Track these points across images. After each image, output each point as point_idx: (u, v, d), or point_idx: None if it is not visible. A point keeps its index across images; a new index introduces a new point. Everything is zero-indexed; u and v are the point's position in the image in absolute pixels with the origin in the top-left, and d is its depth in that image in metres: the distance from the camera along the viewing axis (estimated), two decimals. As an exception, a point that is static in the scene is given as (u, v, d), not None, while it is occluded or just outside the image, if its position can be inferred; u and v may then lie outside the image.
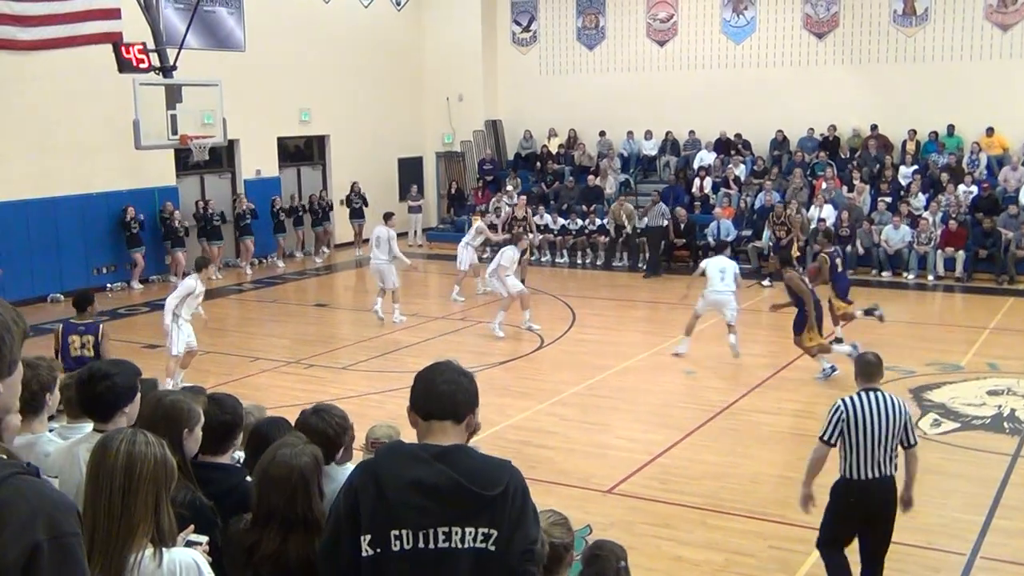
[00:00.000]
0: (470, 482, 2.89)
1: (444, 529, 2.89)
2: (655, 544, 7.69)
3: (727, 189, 22.74)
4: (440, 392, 3.02)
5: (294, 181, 24.48)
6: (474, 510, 2.90)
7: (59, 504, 1.99)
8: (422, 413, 3.03)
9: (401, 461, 2.98)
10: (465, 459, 2.97)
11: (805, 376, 12.69)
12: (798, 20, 23.92)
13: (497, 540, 2.91)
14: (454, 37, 26.90)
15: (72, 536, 1.96)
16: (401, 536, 2.88)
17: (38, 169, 18.19)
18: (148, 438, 2.96)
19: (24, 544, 1.88)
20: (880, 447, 6.28)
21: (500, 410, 11.16)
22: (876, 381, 6.56)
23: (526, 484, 3.06)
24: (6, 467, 1.97)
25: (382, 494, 2.90)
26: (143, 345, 14.82)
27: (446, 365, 3.10)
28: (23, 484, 1.96)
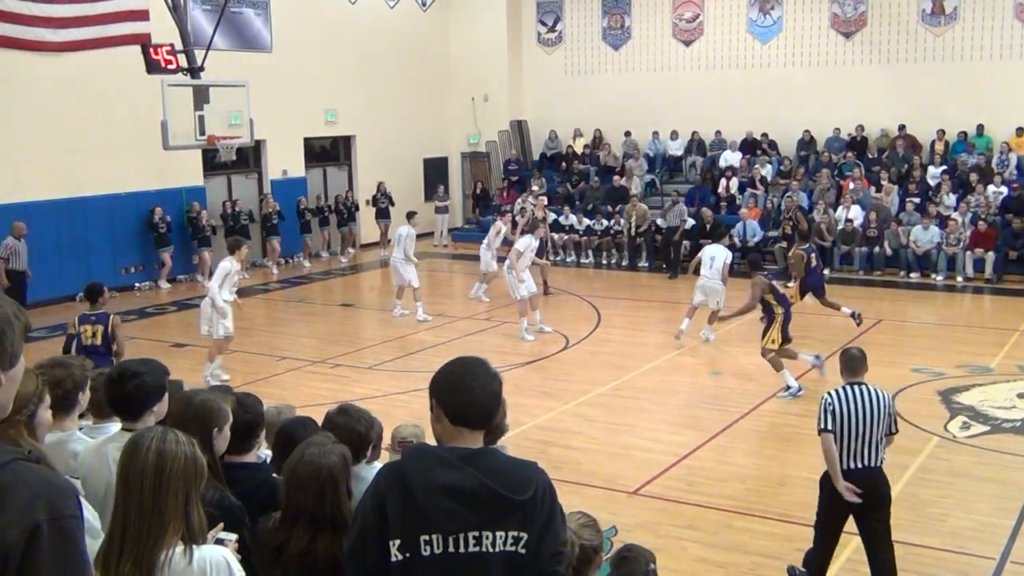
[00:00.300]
0: (501, 486, 2.87)
1: (475, 533, 2.87)
2: (680, 546, 7.66)
3: (753, 190, 22.63)
4: (476, 400, 2.96)
5: (320, 181, 24.57)
6: (504, 514, 2.88)
7: (59, 487, 2.02)
8: (454, 419, 2.97)
9: (429, 464, 2.94)
10: (493, 462, 2.95)
11: (832, 377, 12.58)
12: (825, 19, 23.76)
13: (527, 543, 2.89)
14: (479, 37, 26.92)
15: (71, 518, 1.99)
16: (431, 541, 2.86)
17: (67, 169, 18.36)
18: (179, 437, 2.97)
19: (24, 525, 1.91)
20: (865, 439, 6.46)
21: (526, 410, 11.15)
22: (861, 375, 6.71)
23: (553, 486, 3.04)
24: (6, 453, 2.01)
25: (411, 498, 2.87)
26: (171, 344, 14.94)
27: (479, 368, 3.01)
28: (23, 469, 1.99)
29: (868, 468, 6.51)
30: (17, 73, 17.16)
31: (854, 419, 6.45)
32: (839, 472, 6.52)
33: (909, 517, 8.14)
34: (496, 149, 27.35)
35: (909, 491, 8.72)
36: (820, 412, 6.58)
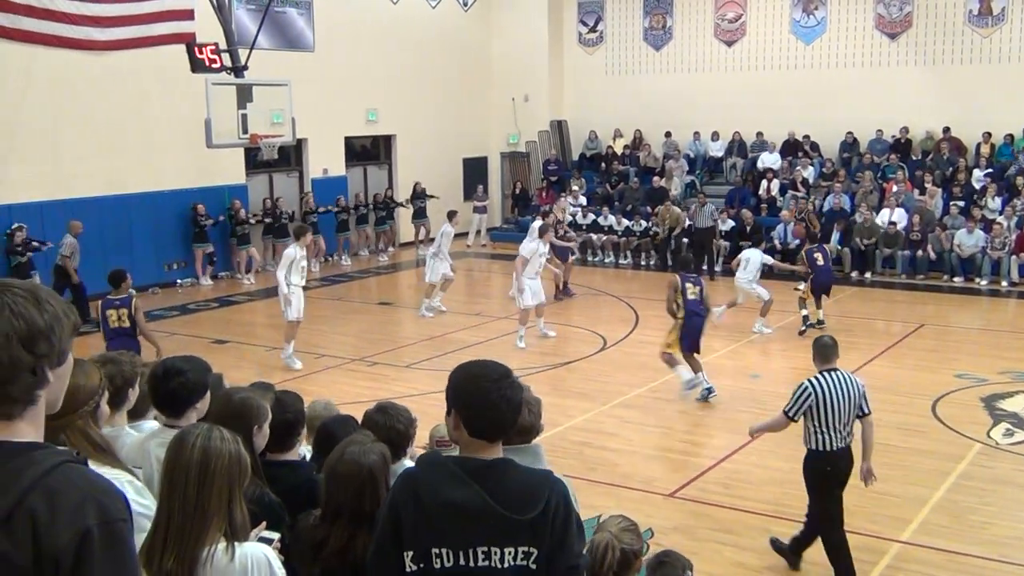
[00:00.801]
0: (504, 506, 2.85)
1: (484, 549, 2.87)
2: (717, 550, 7.62)
3: (794, 192, 22.45)
4: (496, 415, 2.92)
5: (360, 180, 24.71)
6: (510, 532, 2.87)
7: (108, 490, 2.02)
8: (471, 431, 2.94)
9: (439, 478, 2.93)
10: (504, 478, 2.92)
11: (873, 382, 12.43)
12: (870, 20, 23.52)
13: (538, 558, 2.88)
14: (520, 37, 26.93)
15: (121, 522, 1.99)
16: (442, 554, 2.88)
17: (112, 167, 18.61)
18: (223, 434, 3.01)
19: (75, 530, 1.92)
20: (842, 421, 6.96)
21: (562, 411, 11.14)
22: (834, 362, 7.17)
23: (569, 497, 3.02)
24: (56, 455, 2.01)
25: (421, 511, 2.89)
26: (212, 340, 15.09)
27: (499, 379, 2.94)
28: (72, 472, 2.00)
29: (846, 448, 7.04)
30: (65, 72, 17.41)
31: (833, 404, 6.90)
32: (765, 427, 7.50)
33: (950, 524, 8.06)
34: (536, 149, 27.36)
35: (950, 498, 8.61)
36: (795, 400, 7.04)
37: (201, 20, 17.27)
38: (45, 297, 2.03)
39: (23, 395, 2.01)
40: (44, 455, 1.99)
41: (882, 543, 7.70)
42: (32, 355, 1.98)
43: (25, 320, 1.97)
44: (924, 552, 7.55)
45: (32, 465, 1.96)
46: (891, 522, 8.08)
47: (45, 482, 1.95)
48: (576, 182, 24.64)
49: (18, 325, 1.96)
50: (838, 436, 6.99)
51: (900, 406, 11.35)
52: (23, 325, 1.97)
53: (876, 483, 7.38)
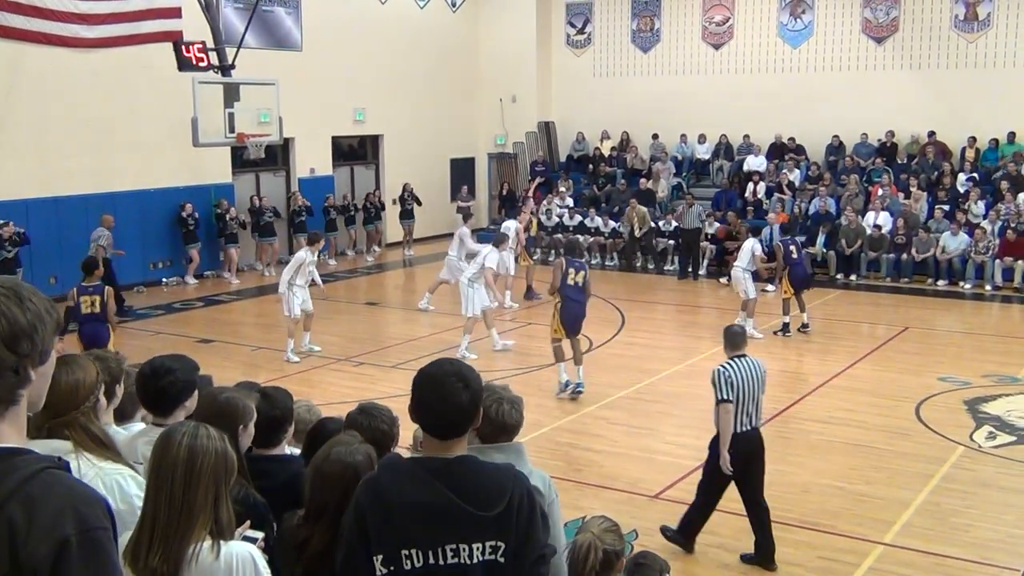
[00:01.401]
0: (469, 503, 2.89)
1: (452, 546, 2.90)
2: (702, 551, 7.64)
3: (780, 194, 22.53)
4: (441, 416, 2.96)
5: (347, 180, 24.68)
6: (476, 528, 2.90)
7: (87, 498, 1.99)
8: (426, 429, 3.00)
9: (401, 479, 2.96)
10: (466, 474, 2.95)
11: (857, 384, 12.54)
12: (857, 24, 23.63)
13: (506, 552, 2.92)
14: (509, 39, 26.95)
15: (100, 530, 1.96)
16: (411, 555, 2.90)
17: (99, 165, 18.53)
18: (210, 432, 3.01)
19: (53, 540, 1.89)
20: (752, 403, 7.34)
21: (548, 412, 11.16)
22: (742, 349, 7.64)
23: (531, 491, 3.05)
24: (36, 461, 1.98)
25: (386, 515, 2.91)
26: (197, 340, 15.05)
27: (449, 380, 2.96)
28: (52, 479, 1.97)
29: (756, 428, 7.44)
30: (51, 69, 17.35)
31: (746, 387, 7.28)
32: (728, 442, 7.28)
33: (933, 526, 8.11)
34: (523, 150, 27.38)
35: (933, 500, 8.66)
36: (720, 384, 7.27)
37: (188, 18, 17.26)
38: (27, 295, 2.00)
39: (5, 395, 1.98)
40: (24, 461, 1.97)
41: (865, 545, 7.74)
42: (15, 354, 1.96)
43: (7, 319, 1.95)
44: (907, 554, 7.59)
45: (11, 472, 1.94)
46: (874, 524, 8.12)
47: (24, 490, 1.92)
48: (563, 183, 24.66)
49: (2, 324, 1.94)
50: (749, 417, 7.34)
51: (884, 409, 11.41)
52: (5, 324, 1.94)
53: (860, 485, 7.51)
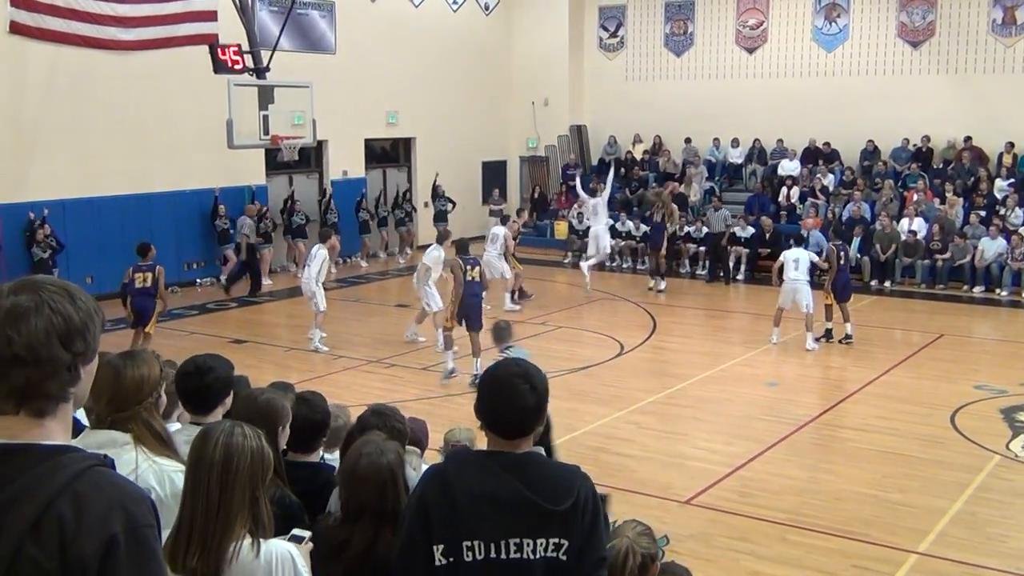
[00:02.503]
0: (540, 496, 2.90)
1: (516, 540, 2.91)
2: (733, 558, 7.59)
3: (814, 199, 22.37)
4: (510, 418, 2.98)
5: (380, 182, 24.78)
6: (544, 523, 2.91)
7: (134, 496, 2.02)
8: (493, 431, 3.01)
9: (471, 471, 2.98)
10: (536, 469, 2.98)
11: (891, 391, 12.43)
12: (892, 28, 23.42)
13: (568, 550, 2.93)
14: (541, 42, 26.96)
15: (147, 527, 1.99)
16: (473, 547, 2.91)
17: (135, 166, 18.70)
18: (246, 431, 3.03)
19: (102, 537, 1.91)
20: None
21: (579, 416, 11.14)
22: (509, 341, 8.30)
23: (596, 491, 3.06)
24: (84, 459, 2.00)
25: (453, 505, 2.92)
26: (230, 340, 15.15)
27: (516, 382, 2.98)
28: (100, 477, 1.99)
29: None
30: (89, 72, 17.54)
31: None
32: None
33: (968, 536, 8.01)
34: (555, 153, 27.36)
35: (968, 509, 8.56)
36: None
37: (224, 21, 17.43)
38: (78, 293, 2.04)
39: (58, 392, 2.01)
40: (72, 459, 1.99)
41: (899, 554, 7.66)
42: (69, 352, 1.99)
43: (63, 317, 1.98)
44: (942, 564, 7.51)
45: (60, 469, 1.96)
46: (909, 533, 8.04)
47: (73, 487, 1.95)
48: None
49: (57, 322, 1.97)
50: None
51: (919, 417, 11.30)
52: (61, 322, 1.97)
53: (894, 494, 7.38)
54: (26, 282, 2.02)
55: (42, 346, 1.95)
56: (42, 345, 1.95)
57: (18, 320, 1.95)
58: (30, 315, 1.95)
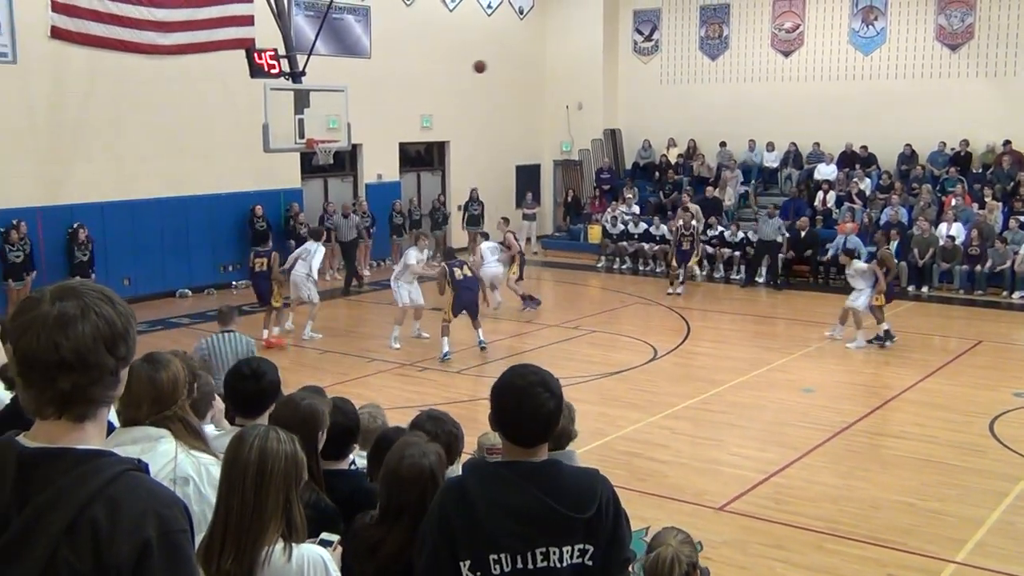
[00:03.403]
0: (563, 505, 2.89)
1: (542, 550, 2.90)
2: (768, 565, 7.53)
3: (851, 203, 22.17)
4: (528, 425, 2.95)
5: (414, 186, 24.85)
6: (569, 531, 2.91)
7: (167, 500, 2.03)
8: (510, 438, 2.99)
9: (491, 483, 2.96)
10: (556, 477, 2.96)
11: (929, 398, 12.28)
12: (931, 31, 23.17)
13: (594, 555, 2.93)
14: (575, 46, 26.93)
15: (180, 532, 2.00)
16: (500, 559, 2.90)
17: (172, 169, 18.89)
18: (280, 435, 3.04)
19: (135, 541, 1.93)
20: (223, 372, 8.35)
21: (611, 421, 11.10)
22: (230, 325, 9.20)
23: (615, 493, 3.06)
24: (118, 463, 2.02)
25: (476, 519, 2.90)
26: (264, 342, 15.21)
27: (532, 388, 2.95)
28: (134, 481, 2.01)
29: None
30: (127, 76, 17.72)
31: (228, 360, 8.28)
32: None
33: (1007, 546, 7.90)
34: (589, 157, 27.32)
35: (1007, 519, 8.43)
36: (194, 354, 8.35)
37: (260, 26, 17.55)
38: (116, 298, 2.06)
39: (101, 397, 2.04)
40: (106, 463, 2.01)
41: (937, 564, 7.57)
42: (114, 357, 2.02)
43: (107, 321, 2.00)
44: (980, 574, 7.40)
45: (95, 474, 1.97)
46: (946, 542, 7.93)
47: (107, 492, 1.96)
48: (629, 191, 24.55)
49: (103, 328, 1.99)
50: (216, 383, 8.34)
51: (957, 424, 11.15)
52: (106, 327, 2.00)
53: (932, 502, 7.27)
54: (67, 288, 2.04)
55: (90, 352, 1.97)
56: (90, 351, 1.97)
57: (66, 327, 1.96)
58: (77, 321, 1.97)
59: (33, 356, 1.97)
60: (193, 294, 19.31)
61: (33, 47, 16.59)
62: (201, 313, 17.54)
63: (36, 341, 1.96)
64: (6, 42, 16.31)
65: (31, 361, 1.98)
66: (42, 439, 2.02)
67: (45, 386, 1.99)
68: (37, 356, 1.97)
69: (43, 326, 1.96)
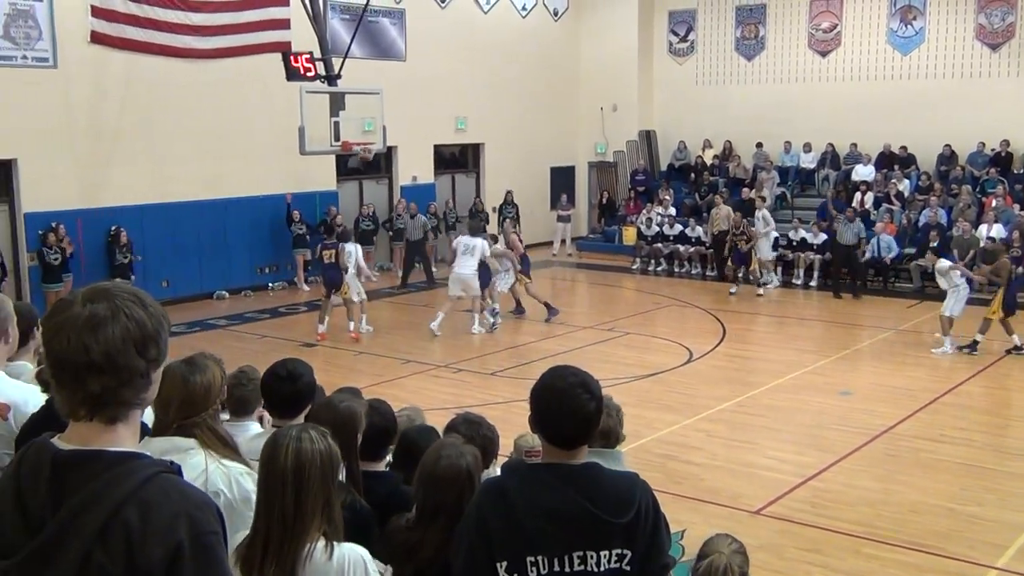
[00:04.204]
0: (602, 509, 2.88)
1: (579, 554, 2.89)
2: (805, 570, 7.46)
3: (889, 205, 21.94)
4: (570, 426, 2.94)
5: (449, 188, 24.91)
6: (607, 536, 2.90)
7: (199, 503, 2.03)
8: (550, 440, 2.97)
9: (530, 485, 2.95)
10: (595, 481, 2.95)
11: (968, 401, 12.13)
12: (970, 30, 22.89)
13: (632, 560, 2.91)
14: (610, 47, 26.88)
15: (212, 534, 2.00)
16: (538, 562, 2.89)
17: (209, 172, 19.07)
18: (312, 434, 3.04)
19: (168, 544, 1.93)
20: None
21: (647, 423, 11.06)
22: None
23: (655, 499, 3.04)
24: (151, 466, 2.02)
25: (514, 521, 2.90)
26: (300, 344, 15.33)
27: (574, 389, 2.95)
28: (167, 483, 2.01)
29: None
30: (165, 80, 17.92)
31: None
32: None
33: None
34: (623, 159, 27.25)
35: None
36: None
37: (296, 29, 17.69)
38: (148, 300, 2.06)
39: (132, 399, 2.04)
40: (139, 465, 2.02)
41: (976, 569, 7.46)
42: (144, 359, 2.02)
43: (137, 323, 2.01)
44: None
45: (128, 476, 1.98)
46: (986, 548, 7.82)
47: (140, 494, 1.97)
48: (664, 192, 24.45)
49: (133, 329, 2.00)
50: None
51: (997, 428, 11.02)
52: (136, 329, 2.00)
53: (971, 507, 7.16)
54: (99, 290, 2.05)
55: (119, 354, 1.98)
56: (119, 353, 1.98)
57: (96, 328, 1.97)
58: (107, 323, 1.98)
59: (64, 358, 1.99)
60: (231, 296, 19.48)
61: (73, 52, 16.82)
62: (239, 315, 17.72)
63: (67, 343, 1.98)
64: (47, 47, 16.55)
65: (62, 363, 1.99)
66: (76, 441, 2.04)
67: (76, 388, 2.00)
68: (68, 358, 1.98)
69: (73, 328, 1.97)
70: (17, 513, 2.02)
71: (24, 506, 2.01)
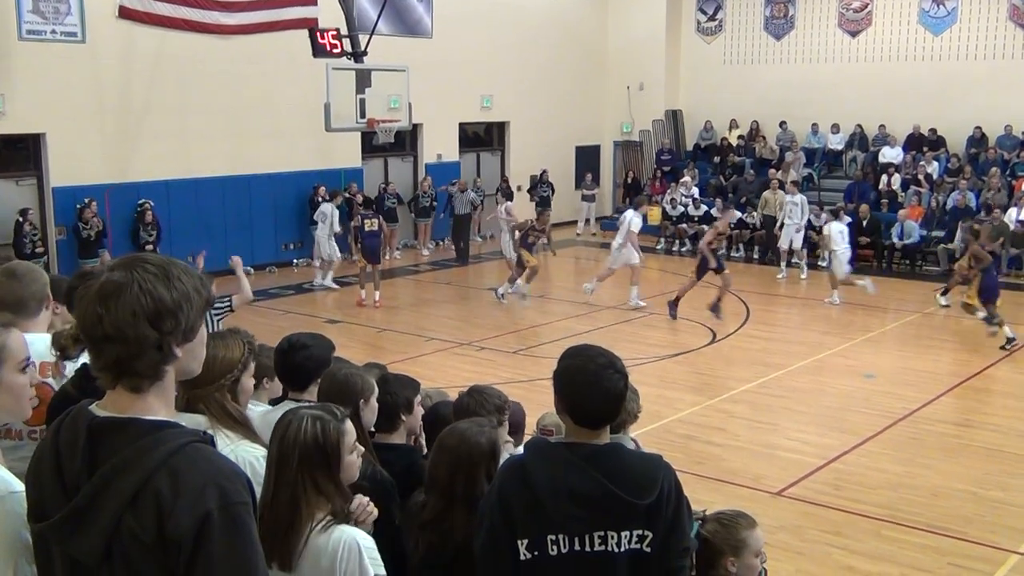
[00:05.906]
0: (624, 490, 2.88)
1: (600, 533, 2.90)
2: (826, 552, 7.46)
3: (917, 187, 21.74)
4: (601, 404, 2.94)
5: (473, 166, 24.88)
6: (629, 516, 2.90)
7: (229, 473, 2.04)
8: (576, 419, 2.97)
9: (552, 464, 2.94)
10: (618, 461, 2.95)
11: (994, 386, 12.05)
12: (1003, 11, 22.56)
13: (652, 541, 2.92)
14: (638, 25, 26.70)
15: (241, 504, 2.01)
16: (558, 541, 2.90)
17: (235, 148, 19.14)
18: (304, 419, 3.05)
19: (197, 513, 1.95)
20: None
21: (669, 403, 11.06)
22: None
23: (679, 481, 3.03)
24: (183, 435, 2.04)
25: (535, 499, 2.90)
26: (325, 320, 15.41)
27: (603, 368, 2.95)
28: (197, 453, 2.02)
29: None
30: (193, 55, 17.96)
31: None
32: None
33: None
34: (649, 138, 27.11)
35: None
36: None
37: (323, 5, 17.65)
38: (177, 274, 2.06)
39: (148, 371, 2.05)
40: (172, 434, 2.03)
41: (999, 554, 7.44)
42: (158, 332, 2.02)
43: (152, 297, 2.01)
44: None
45: (159, 445, 2.00)
46: (1009, 532, 7.79)
47: (170, 463, 1.99)
48: (689, 172, 24.32)
49: (145, 302, 2.00)
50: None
51: (1022, 413, 10.93)
52: (149, 302, 2.00)
53: (995, 492, 7.14)
54: (126, 259, 2.07)
55: (128, 325, 1.99)
56: (128, 324, 1.99)
57: (107, 299, 2.00)
58: (119, 294, 1.99)
59: (83, 326, 2.04)
60: (255, 272, 19.57)
61: (101, 28, 16.88)
62: (264, 290, 17.77)
63: (84, 312, 2.02)
64: (75, 22, 16.61)
65: (84, 331, 2.05)
66: (111, 408, 2.07)
67: (97, 354, 2.05)
68: (84, 327, 2.03)
69: (89, 298, 2.01)
70: (55, 477, 2.06)
71: (61, 470, 2.05)
